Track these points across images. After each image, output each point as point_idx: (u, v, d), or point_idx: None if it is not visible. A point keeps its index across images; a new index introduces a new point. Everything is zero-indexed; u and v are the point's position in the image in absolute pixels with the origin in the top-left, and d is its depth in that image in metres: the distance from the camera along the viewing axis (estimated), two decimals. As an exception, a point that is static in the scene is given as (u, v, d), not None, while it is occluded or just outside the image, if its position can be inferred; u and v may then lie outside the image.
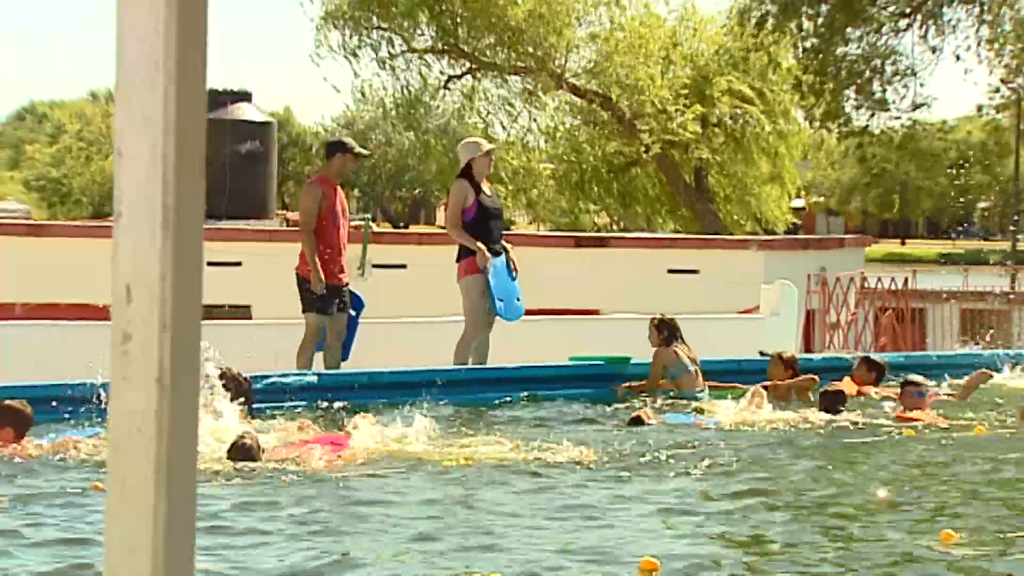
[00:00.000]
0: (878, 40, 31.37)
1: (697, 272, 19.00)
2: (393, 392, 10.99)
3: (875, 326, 18.50)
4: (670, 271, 18.89)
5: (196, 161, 1.90)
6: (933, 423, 10.68)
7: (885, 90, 31.79)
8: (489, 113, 33.92)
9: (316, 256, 11.72)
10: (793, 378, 11.80)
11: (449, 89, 33.85)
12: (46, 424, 9.25)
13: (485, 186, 12.58)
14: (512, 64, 32.78)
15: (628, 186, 34.71)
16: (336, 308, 11.90)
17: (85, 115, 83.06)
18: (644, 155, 32.15)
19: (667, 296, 16.58)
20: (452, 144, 28.54)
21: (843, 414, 10.83)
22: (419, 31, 33.19)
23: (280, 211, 31.00)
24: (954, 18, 30.97)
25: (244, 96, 22.57)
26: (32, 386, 9.66)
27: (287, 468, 8.28)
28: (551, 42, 32.09)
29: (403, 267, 16.98)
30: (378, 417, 9.58)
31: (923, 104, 32.21)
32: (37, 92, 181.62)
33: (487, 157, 12.57)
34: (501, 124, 34.07)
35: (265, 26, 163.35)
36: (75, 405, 9.35)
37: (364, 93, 34.27)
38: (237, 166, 21.05)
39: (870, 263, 24.32)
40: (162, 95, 1.87)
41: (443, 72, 33.82)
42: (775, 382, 11.50)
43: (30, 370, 10.74)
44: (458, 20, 32.71)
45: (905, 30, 31.32)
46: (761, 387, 11.10)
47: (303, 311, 11.87)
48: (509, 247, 12.57)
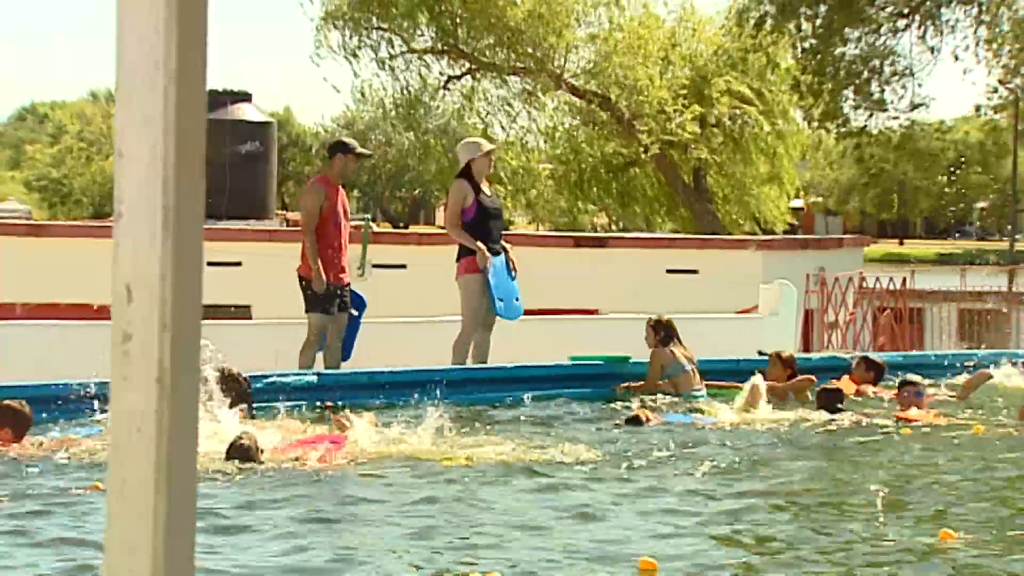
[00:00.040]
0: (876, 40, 31.38)
1: (696, 272, 18.99)
2: (393, 392, 10.99)
3: (873, 326, 18.50)
4: (669, 271, 18.88)
5: (196, 161, 1.90)
6: (932, 422, 10.69)
7: (883, 90, 31.80)
8: (488, 113, 33.92)
9: (318, 256, 11.74)
10: (792, 378, 11.81)
11: (449, 89, 33.85)
12: (45, 424, 9.25)
13: (484, 186, 12.59)
14: (511, 64, 32.77)
15: (627, 186, 34.71)
16: (337, 308, 11.92)
17: (86, 115, 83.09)
18: (643, 155, 32.15)
19: (666, 296, 16.57)
20: (452, 144, 28.54)
21: (842, 413, 10.84)
22: (419, 32, 33.18)
23: (280, 211, 30.97)
24: (952, 18, 31.00)
25: (244, 96, 22.55)
26: (26, 386, 9.66)
27: (286, 467, 8.28)
28: (550, 43, 32.08)
29: (403, 267, 16.97)
30: (378, 417, 9.59)
31: (921, 104, 32.25)
32: (38, 93, 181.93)
33: (487, 157, 12.58)
34: (500, 124, 34.10)
35: (265, 26, 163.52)
36: (73, 404, 9.36)
37: (364, 93, 34.29)
38: (237, 166, 21.03)
39: (868, 263, 24.31)
40: (162, 95, 1.88)
41: (443, 72, 33.82)
42: (773, 383, 11.51)
43: (30, 370, 10.73)
44: (458, 21, 32.70)
45: (903, 30, 31.33)
46: (760, 377, 11.11)
47: (306, 311, 11.89)
48: (508, 247, 12.59)
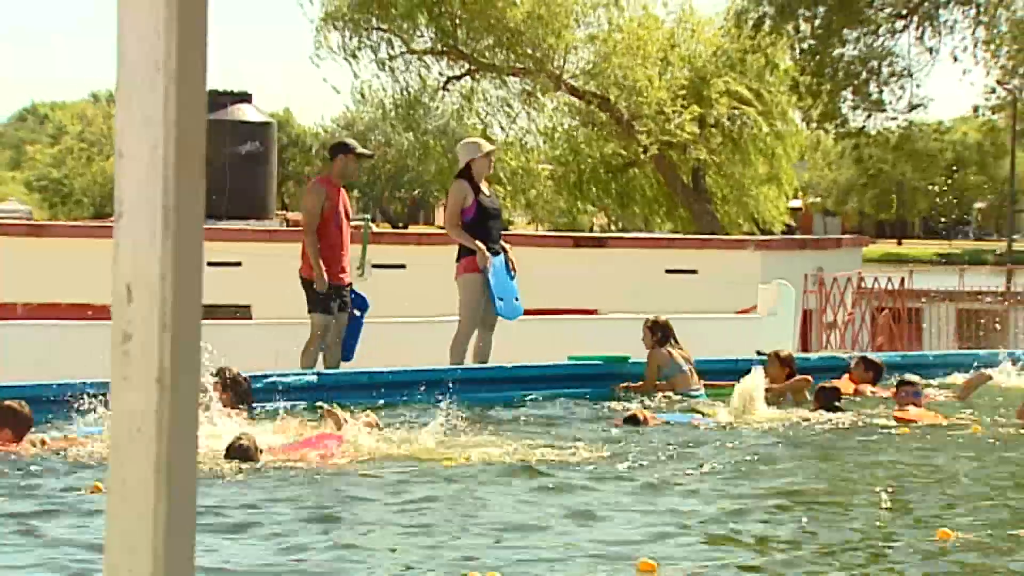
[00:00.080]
0: (875, 41, 31.39)
1: (695, 272, 18.99)
2: (392, 391, 10.99)
3: (872, 326, 18.50)
4: (668, 271, 18.87)
5: (196, 161, 1.91)
6: (930, 422, 10.70)
7: (882, 91, 31.81)
8: (488, 114, 33.91)
9: (319, 256, 11.75)
10: (790, 377, 11.84)
11: (448, 90, 33.84)
12: (45, 424, 9.25)
13: (484, 187, 12.60)
14: (511, 65, 32.76)
15: (626, 187, 34.70)
16: (337, 307, 11.94)
17: (86, 116, 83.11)
18: (642, 156, 32.14)
19: (665, 296, 16.57)
20: (451, 145, 28.54)
21: (840, 413, 10.85)
22: (418, 32, 33.18)
23: (280, 211, 30.97)
24: (950, 19, 31.00)
25: (244, 97, 22.53)
26: (23, 385, 9.66)
27: (286, 467, 8.28)
28: (550, 43, 32.07)
29: (402, 267, 16.96)
30: (378, 416, 9.59)
31: (919, 105, 32.26)
32: (38, 93, 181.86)
33: (487, 158, 12.58)
34: (500, 125, 34.09)
35: (265, 27, 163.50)
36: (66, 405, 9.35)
37: (364, 94, 34.27)
38: (237, 167, 21.01)
39: (867, 263, 24.31)
40: (162, 95, 1.88)
41: (442, 73, 33.82)
42: (771, 384, 11.52)
43: (30, 370, 10.73)
44: (457, 21, 32.69)
45: (902, 31, 31.34)
46: (751, 377, 11.12)
47: (308, 311, 11.91)
48: (507, 247, 12.59)
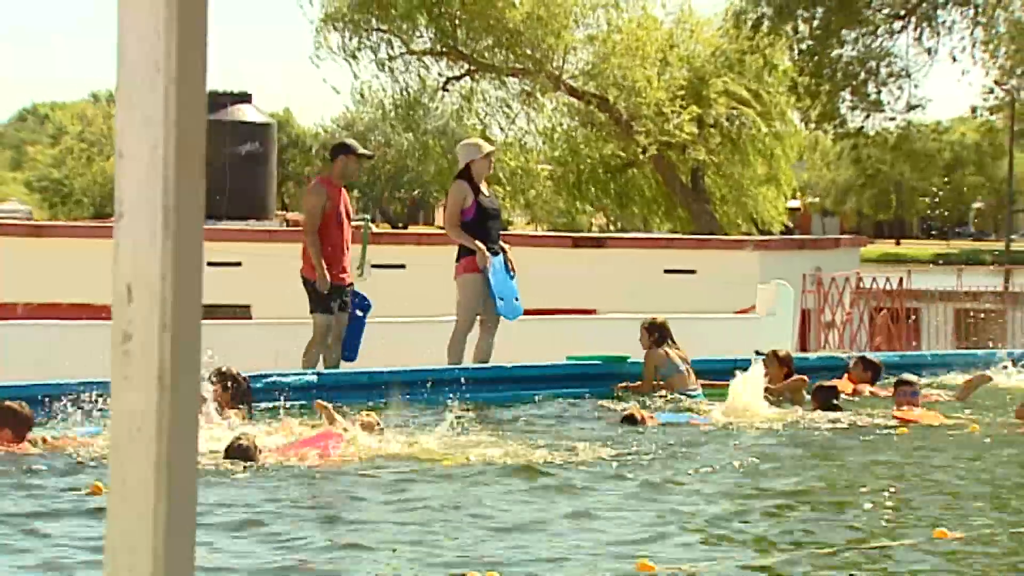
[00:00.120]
0: (873, 42, 31.39)
1: (694, 272, 18.99)
2: (392, 391, 10.98)
3: (870, 326, 18.50)
4: (667, 271, 18.88)
5: (196, 161, 1.91)
6: (929, 422, 10.71)
7: (880, 91, 31.82)
8: (487, 114, 33.91)
9: (321, 256, 11.76)
10: (788, 376, 11.86)
11: (448, 91, 33.84)
12: (44, 424, 9.25)
13: (484, 187, 12.61)
14: (510, 66, 32.76)
15: (625, 187, 34.71)
16: (338, 307, 11.95)
17: (86, 116, 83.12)
18: (641, 156, 32.14)
19: (664, 296, 16.58)
20: (451, 145, 28.54)
21: (839, 412, 10.86)
22: (418, 33, 33.17)
23: (280, 212, 30.95)
24: (949, 20, 31.01)
25: (244, 97, 22.52)
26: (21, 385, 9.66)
27: (285, 467, 8.28)
28: (549, 44, 32.07)
29: (402, 267, 16.96)
30: (378, 416, 9.59)
31: (917, 105, 32.27)
32: (38, 94, 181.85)
33: (487, 159, 12.59)
34: (499, 125, 34.09)
35: (265, 27, 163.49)
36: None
37: (363, 94, 34.27)
38: (237, 167, 21.00)
39: (865, 263, 24.30)
40: (162, 96, 1.88)
41: (441, 74, 33.82)
42: (768, 385, 11.53)
43: (30, 370, 10.73)
44: (457, 22, 32.70)
45: (900, 32, 31.35)
46: (741, 378, 11.15)
47: (310, 311, 11.93)
48: (506, 247, 12.60)
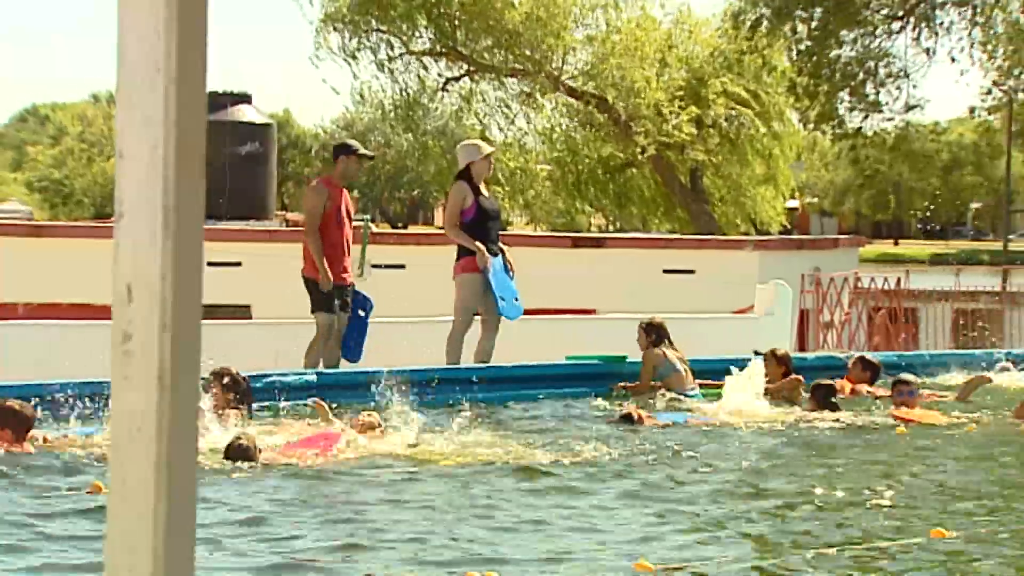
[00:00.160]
0: (872, 42, 31.41)
1: (693, 272, 19.00)
2: (392, 391, 10.97)
3: (868, 326, 18.52)
4: (666, 271, 18.88)
5: (196, 162, 1.91)
6: (928, 421, 10.72)
7: (878, 92, 31.83)
8: (487, 115, 33.91)
9: (323, 256, 11.77)
10: (787, 375, 11.88)
11: (447, 91, 33.84)
12: (45, 424, 9.25)
13: (483, 188, 12.63)
14: (509, 66, 32.76)
15: (624, 187, 34.71)
16: (338, 307, 11.96)
17: (87, 117, 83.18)
18: (640, 156, 32.14)
19: (663, 296, 16.59)
20: (450, 145, 28.53)
21: (837, 411, 10.87)
22: (417, 34, 33.17)
23: (280, 212, 30.97)
24: (947, 20, 31.03)
25: (244, 98, 22.53)
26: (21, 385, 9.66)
27: (285, 467, 8.28)
28: (548, 44, 32.07)
29: (402, 267, 16.97)
30: (377, 416, 9.58)
31: (916, 106, 32.30)
32: (39, 94, 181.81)
33: (487, 160, 12.61)
34: (498, 126, 34.09)
35: (265, 27, 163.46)
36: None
37: (363, 95, 34.27)
38: (237, 167, 21.01)
39: (864, 263, 24.31)
40: (162, 96, 1.88)
41: (441, 74, 33.82)
42: (767, 386, 11.54)
43: (30, 370, 10.73)
44: (456, 23, 32.69)
45: (898, 32, 31.36)
46: (734, 378, 11.16)
47: (312, 311, 11.94)
48: (504, 247, 12.61)
